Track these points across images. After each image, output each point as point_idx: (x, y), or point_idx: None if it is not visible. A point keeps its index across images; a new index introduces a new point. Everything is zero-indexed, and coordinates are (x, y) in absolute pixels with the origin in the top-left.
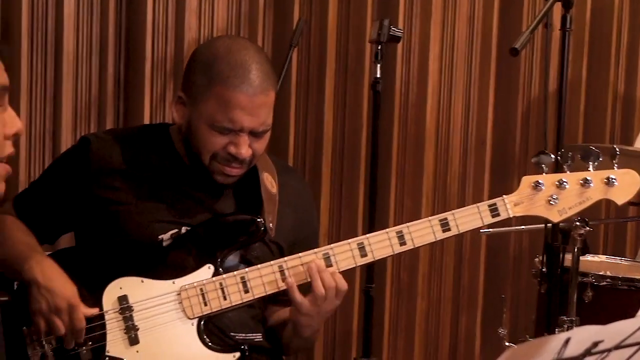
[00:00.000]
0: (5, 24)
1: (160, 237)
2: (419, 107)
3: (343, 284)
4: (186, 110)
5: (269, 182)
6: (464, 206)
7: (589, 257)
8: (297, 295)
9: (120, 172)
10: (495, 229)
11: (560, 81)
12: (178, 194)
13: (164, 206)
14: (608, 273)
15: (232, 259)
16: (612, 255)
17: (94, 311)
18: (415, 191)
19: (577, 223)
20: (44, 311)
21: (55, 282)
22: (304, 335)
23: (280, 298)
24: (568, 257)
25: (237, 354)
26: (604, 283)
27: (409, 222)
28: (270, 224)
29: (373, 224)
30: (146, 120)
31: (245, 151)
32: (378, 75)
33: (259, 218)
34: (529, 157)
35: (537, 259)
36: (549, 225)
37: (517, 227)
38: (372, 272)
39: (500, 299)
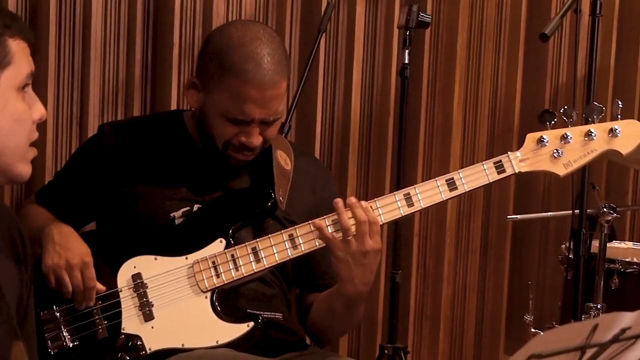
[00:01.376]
0: (33, 9)
1: (172, 214)
2: (446, 94)
3: (375, 217)
4: (199, 95)
5: (283, 159)
6: (490, 193)
7: (615, 244)
8: (327, 233)
9: (133, 155)
10: (521, 215)
11: (589, 68)
12: (191, 174)
13: (175, 185)
14: (635, 260)
15: (245, 235)
16: (639, 242)
17: (104, 288)
18: None
19: (605, 209)
20: (55, 266)
21: (70, 241)
22: (347, 293)
23: (318, 282)
24: (595, 243)
25: (251, 323)
26: (631, 270)
27: (435, 208)
28: (281, 198)
29: None
30: (173, 107)
31: (255, 140)
32: (406, 62)
33: (269, 191)
34: None
35: (563, 246)
36: (576, 211)
37: (543, 214)
38: (397, 258)
39: (526, 286)
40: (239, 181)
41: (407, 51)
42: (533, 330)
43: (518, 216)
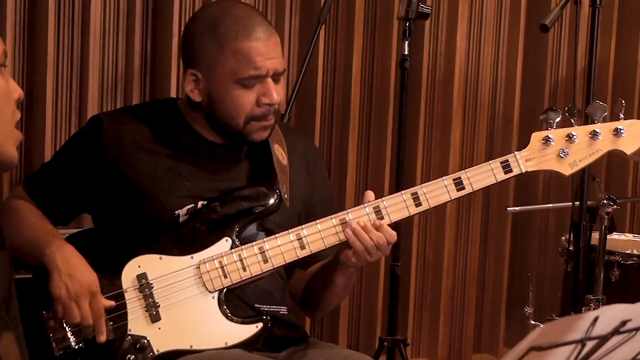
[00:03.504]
0: (33, 0)
1: (176, 212)
2: (446, 85)
3: (393, 235)
4: (202, 84)
5: (280, 153)
6: (490, 187)
7: (615, 236)
8: (360, 247)
9: (133, 148)
10: (521, 207)
11: (590, 59)
12: (192, 167)
13: (178, 181)
14: (635, 252)
15: (250, 228)
16: (639, 234)
17: (111, 303)
18: (441, 169)
19: (605, 201)
20: (63, 297)
21: (77, 269)
22: (351, 273)
23: (307, 260)
24: (595, 235)
25: (260, 324)
26: (631, 262)
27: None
28: (286, 195)
29: None
30: (173, 96)
31: (276, 94)
32: (406, 53)
33: (274, 189)
34: None
35: (563, 237)
36: (576, 203)
37: (543, 205)
38: (397, 250)
39: (526, 277)
40: (240, 174)
41: (406, 42)
42: (533, 322)
43: (518, 208)
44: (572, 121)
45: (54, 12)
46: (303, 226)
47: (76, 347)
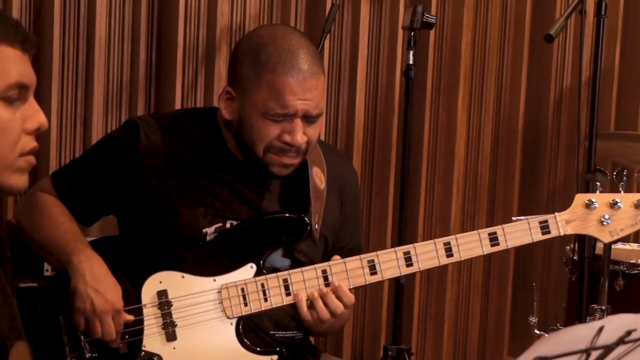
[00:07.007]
0: (38, 9)
1: (204, 230)
2: (451, 94)
3: (350, 301)
4: (236, 104)
5: (319, 177)
6: (495, 194)
7: (620, 245)
8: (304, 312)
9: (167, 160)
10: (526, 217)
11: (594, 68)
12: (223, 186)
13: (209, 198)
14: (639, 261)
15: (276, 254)
16: None
17: (131, 317)
18: (446, 178)
19: None
20: (87, 311)
21: (103, 284)
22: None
23: None
24: (599, 245)
25: (275, 357)
26: (636, 271)
27: (439, 209)
28: (316, 225)
29: (403, 210)
30: (177, 106)
31: (300, 137)
32: (411, 62)
33: (305, 219)
34: (561, 145)
35: (568, 247)
36: None
37: (548, 215)
38: None
39: (531, 287)
40: (272, 195)
41: (411, 52)
42: (537, 332)
43: (523, 217)
44: (620, 186)
45: (59, 21)
46: (330, 263)
47: (89, 356)
